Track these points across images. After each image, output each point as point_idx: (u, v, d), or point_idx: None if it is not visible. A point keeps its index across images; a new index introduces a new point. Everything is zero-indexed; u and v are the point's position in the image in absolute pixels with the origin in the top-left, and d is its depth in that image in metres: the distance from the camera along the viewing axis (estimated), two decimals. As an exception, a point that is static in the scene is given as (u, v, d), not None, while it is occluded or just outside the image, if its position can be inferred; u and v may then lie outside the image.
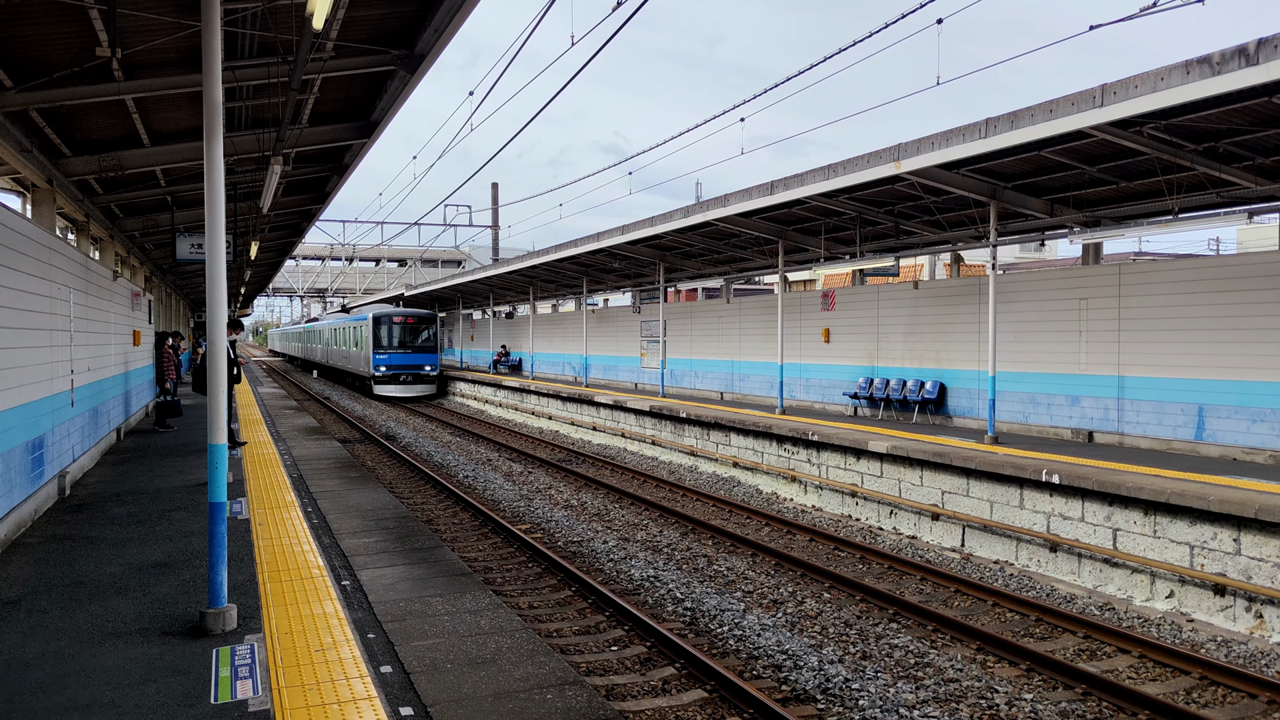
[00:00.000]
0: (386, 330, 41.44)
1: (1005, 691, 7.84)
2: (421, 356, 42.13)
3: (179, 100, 11.79)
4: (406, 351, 41.60)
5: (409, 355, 41.73)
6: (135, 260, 23.76)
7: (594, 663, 8.48)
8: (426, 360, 42.24)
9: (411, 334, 42.03)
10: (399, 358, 41.37)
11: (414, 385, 41.77)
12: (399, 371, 41.23)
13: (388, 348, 41.15)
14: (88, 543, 9.24)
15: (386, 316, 41.57)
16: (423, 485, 17.92)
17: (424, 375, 42.05)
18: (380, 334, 41.35)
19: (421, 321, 42.39)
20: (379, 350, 41.03)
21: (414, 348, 41.83)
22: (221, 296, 6.79)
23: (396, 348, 41.34)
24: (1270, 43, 9.04)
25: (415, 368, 41.74)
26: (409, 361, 41.66)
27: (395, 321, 41.62)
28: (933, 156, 13.30)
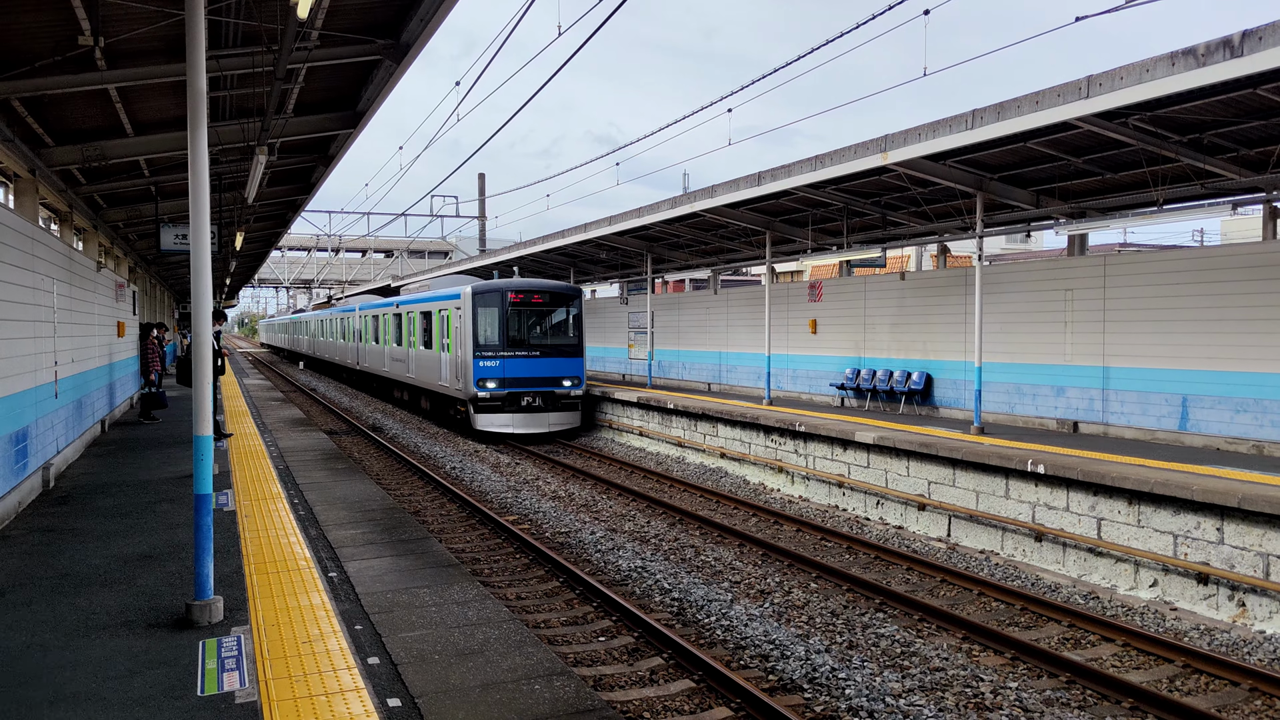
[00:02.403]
0: (498, 315, 23.43)
1: (990, 680, 7.90)
2: (558, 363, 23.83)
3: (163, 89, 11.70)
4: (532, 354, 23.61)
5: (537, 362, 23.65)
6: (119, 251, 23.59)
7: (582, 653, 8.50)
8: (565, 369, 23.87)
9: (539, 320, 24.19)
10: (520, 365, 23.40)
11: (546, 414, 23.59)
12: (521, 390, 23.29)
13: (497, 347, 23.35)
14: (72, 535, 9.19)
15: (496, 291, 23.58)
16: (410, 477, 17.89)
17: (562, 397, 23.75)
18: (487, 322, 23.54)
19: (557, 300, 24.33)
20: (484, 352, 23.19)
21: (545, 347, 23.81)
22: (206, 288, 6.75)
23: (514, 346, 23.50)
24: (1254, 34, 9.08)
25: (547, 383, 23.60)
26: (537, 372, 23.58)
27: (514, 300, 23.63)
28: (920, 147, 13.32)
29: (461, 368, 23.50)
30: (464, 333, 23.34)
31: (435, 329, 26.02)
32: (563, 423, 23.72)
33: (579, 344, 24.13)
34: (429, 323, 26.79)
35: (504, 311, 23.24)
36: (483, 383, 22.81)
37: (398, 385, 32.34)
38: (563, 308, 24.22)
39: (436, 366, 25.97)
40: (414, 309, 28.62)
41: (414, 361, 28.55)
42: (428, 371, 26.87)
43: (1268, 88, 10.49)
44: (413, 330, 28.66)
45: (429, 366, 26.68)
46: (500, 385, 22.88)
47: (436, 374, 25.95)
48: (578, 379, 23.82)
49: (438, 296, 26.10)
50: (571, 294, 24.39)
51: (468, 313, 23.24)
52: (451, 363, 24.46)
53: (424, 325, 27.37)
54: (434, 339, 26.17)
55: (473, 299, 23.17)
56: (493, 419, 22.92)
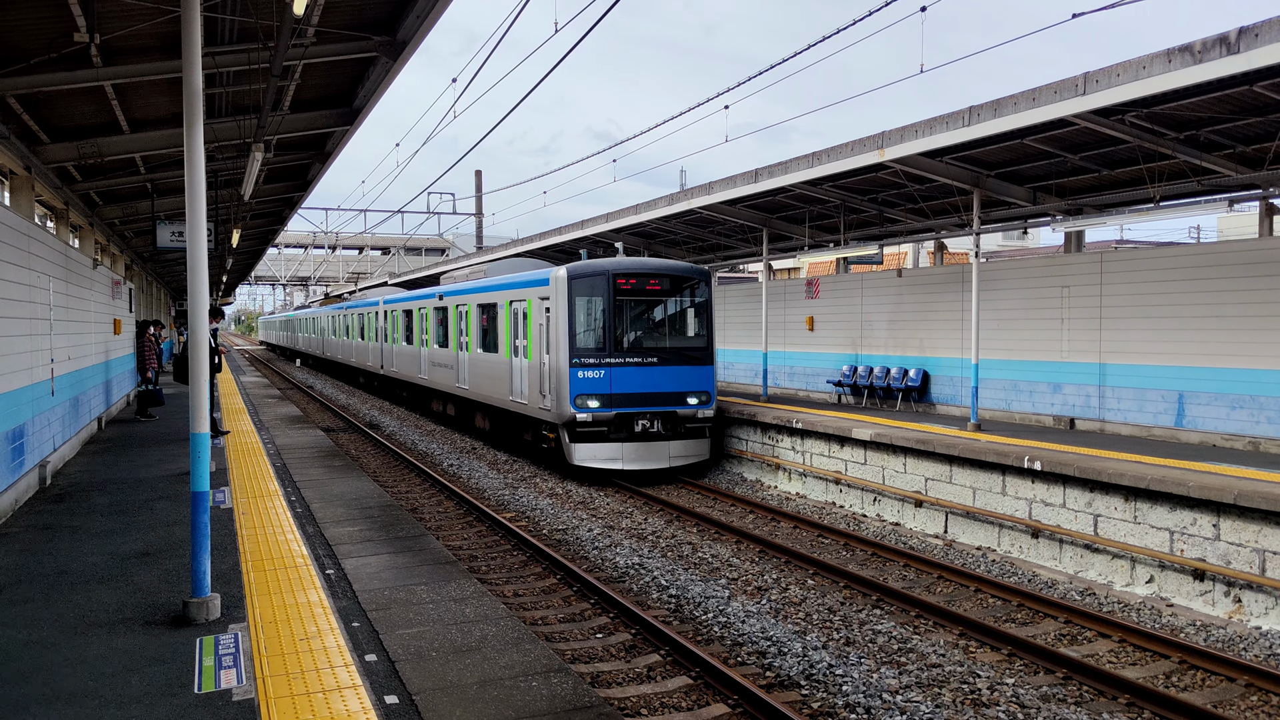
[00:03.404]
0: (604, 307, 17.31)
1: (987, 676, 7.91)
2: (681, 374, 17.62)
3: (159, 86, 11.68)
4: (647, 361, 17.41)
5: (655, 372, 17.44)
6: (115, 248, 23.55)
7: (579, 650, 8.50)
8: (691, 381, 17.69)
9: (656, 313, 18.19)
10: (632, 376, 17.24)
11: (666, 443, 17.40)
12: (634, 411, 17.16)
13: (602, 351, 17.15)
14: (69, 532, 9.18)
15: (600, 275, 17.31)
16: (407, 474, 17.89)
17: (686, 419, 17.55)
18: (588, 316, 17.47)
19: (679, 286, 18.07)
20: (584, 359, 17.04)
21: (665, 351, 17.61)
22: (203, 285, 6.74)
23: (624, 351, 17.30)
24: (1251, 31, 9.09)
25: (668, 400, 17.42)
26: (655, 385, 17.41)
27: (623, 286, 17.38)
28: (916, 144, 13.32)
29: (549, 379, 17.08)
30: (555, 331, 16.92)
31: (503, 327, 19.79)
32: (688, 454, 17.24)
33: (708, 346, 17.70)
34: (492, 319, 20.74)
35: (611, 302, 16.81)
36: (582, 400, 16.50)
37: (440, 396, 26.03)
38: (685, 295, 17.85)
39: (503, 376, 19.71)
40: (467, 301, 22.67)
41: (467, 369, 22.59)
42: (490, 382, 20.69)
43: (1264, 84, 10.50)
44: (465, 328, 22.84)
45: (492, 375, 20.49)
46: (606, 404, 16.64)
47: (503, 386, 19.73)
48: (707, 395, 17.33)
49: (508, 284, 19.85)
50: (698, 276, 17.85)
51: (561, 304, 16.84)
52: (531, 372, 17.98)
53: (483, 322, 21.49)
54: (501, 340, 19.94)
55: (569, 285, 16.74)
56: (595, 450, 16.61)
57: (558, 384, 16.91)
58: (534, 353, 18.09)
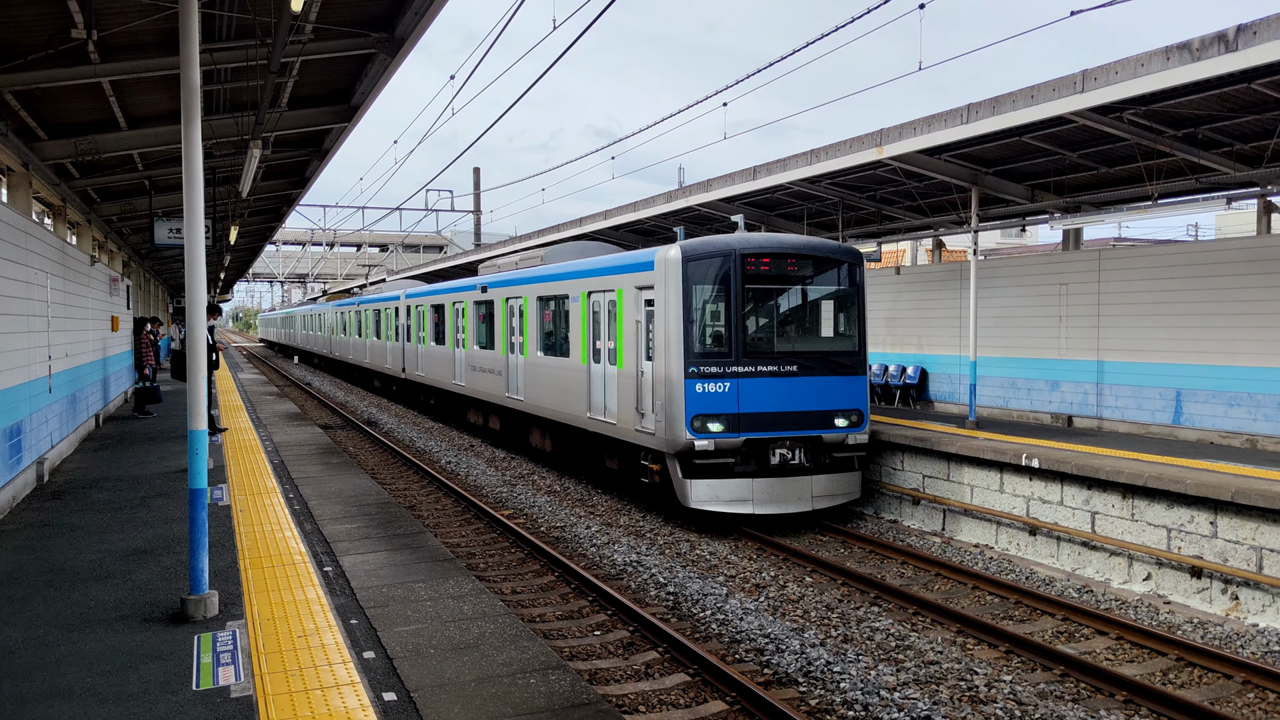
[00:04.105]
0: (729, 297, 12.98)
1: (985, 673, 7.92)
2: (826, 387, 13.33)
3: (156, 83, 11.66)
4: (785, 370, 13.14)
5: (793, 384, 13.16)
6: (113, 245, 23.52)
7: (577, 647, 8.51)
8: (839, 396, 13.42)
9: (793, 307, 13.82)
10: (767, 390, 13.00)
11: (808, 478, 13.17)
12: (768, 436, 12.93)
13: (727, 357, 12.86)
14: (67, 529, 9.18)
15: (723, 255, 12.97)
16: (405, 471, 17.88)
17: (833, 447, 13.30)
18: (709, 310, 13.13)
19: (823, 269, 13.65)
20: (704, 367, 12.76)
21: (805, 357, 13.26)
22: (201, 282, 6.74)
23: (755, 357, 13.02)
24: (1249, 29, 9.09)
25: (810, 421, 13.18)
26: (794, 402, 13.12)
27: (753, 271, 13.08)
28: (915, 142, 13.32)
29: (653, 394, 13.06)
30: (663, 331, 12.85)
31: (578, 324, 15.72)
32: (834, 493, 13.23)
33: (860, 350, 13.53)
34: (560, 314, 16.83)
35: (738, 291, 12.78)
36: (702, 423, 12.50)
37: (479, 407, 22.13)
38: (831, 283, 13.57)
39: (576, 387, 15.72)
40: (522, 293, 18.42)
41: (521, 375, 18.33)
42: (556, 394, 16.66)
43: (1262, 82, 10.50)
44: (519, 326, 18.61)
45: (559, 385, 16.51)
46: (732, 427, 12.59)
47: (576, 399, 15.72)
48: (859, 415, 13.26)
49: (585, 271, 15.59)
50: (847, 258, 13.61)
51: (672, 293, 12.70)
52: (623, 383, 14.01)
53: (545, 318, 17.51)
54: (574, 341, 15.86)
55: (684, 269, 12.64)
56: (718, 488, 12.62)
57: (667, 400, 12.64)
58: (627, 358, 13.86)
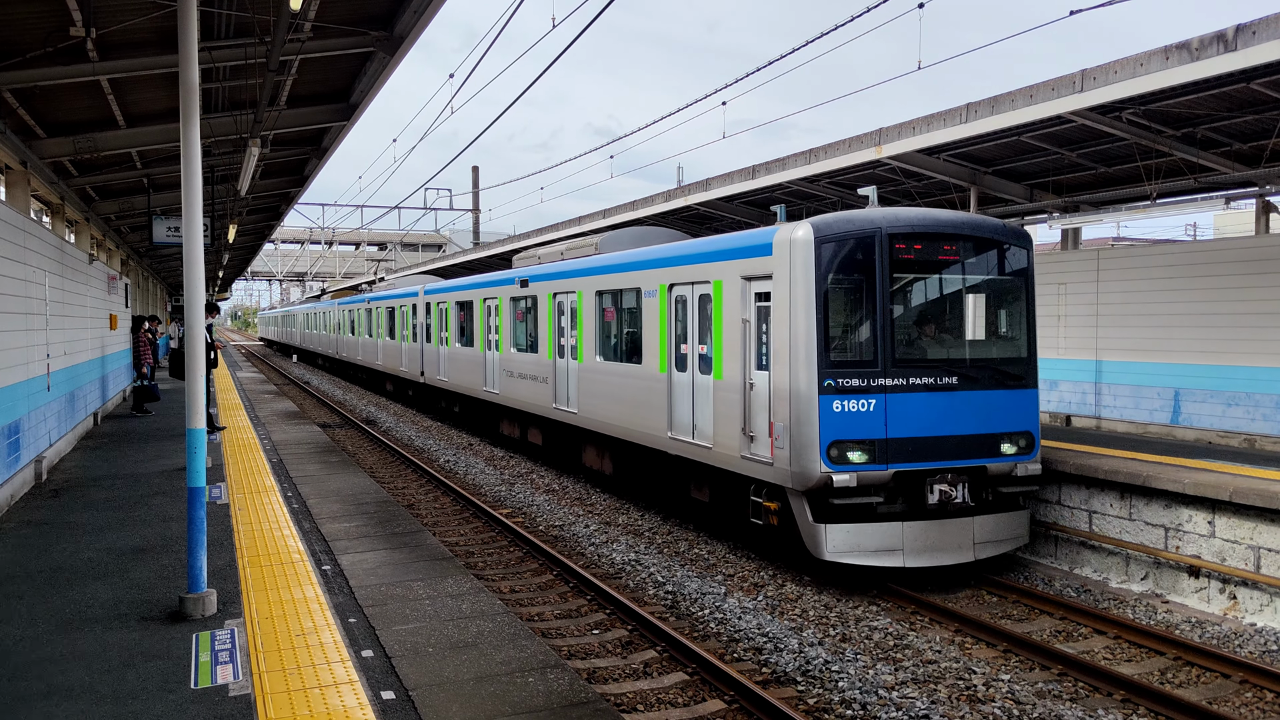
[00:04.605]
0: (873, 290, 10.17)
1: (983, 672, 7.92)
2: (989, 402, 10.50)
3: (155, 81, 11.65)
4: (944, 382, 10.32)
5: (953, 400, 10.32)
6: (111, 243, 23.51)
7: (576, 646, 8.51)
8: (1006, 414, 10.60)
9: (947, 301, 10.95)
10: (922, 408, 10.19)
11: (969, 519, 10.33)
12: (924, 468, 10.15)
13: (872, 366, 10.08)
14: (65, 528, 9.17)
15: (865, 235, 10.15)
16: (404, 470, 17.88)
17: (999, 479, 10.53)
18: (846, 306, 10.39)
19: (983, 251, 10.85)
20: (842, 378, 9.98)
21: (966, 367, 10.50)
22: (199, 280, 6.74)
23: (907, 366, 10.21)
24: (1248, 29, 9.10)
25: (973, 448, 10.37)
26: (954, 425, 10.30)
27: (906, 254, 10.38)
28: (914, 141, 13.32)
29: (777, 412, 10.34)
30: (786, 332, 10.21)
31: (655, 324, 13.13)
32: (1000, 538, 10.59)
33: (1030, 356, 10.93)
34: (626, 312, 14.45)
35: (884, 280, 10.17)
36: (840, 451, 9.93)
37: (516, 417, 19.58)
38: (993, 270, 11.00)
39: (653, 400, 13.14)
40: (574, 287, 15.90)
41: (574, 384, 15.90)
42: (621, 408, 14.13)
43: (1261, 82, 10.51)
44: (572, 326, 16.07)
45: (626, 398, 13.97)
46: (879, 457, 10.01)
47: (650, 414, 13.19)
48: (1030, 440, 10.68)
49: (663, 259, 13.04)
50: (1011, 239, 10.93)
51: (801, 284, 10.10)
52: (723, 398, 11.45)
53: (606, 316, 15.05)
54: (650, 344, 13.28)
55: (816, 252, 10.02)
56: (861, 536, 10.00)
57: (794, 421, 9.98)
58: (729, 366, 11.26)
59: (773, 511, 10.57)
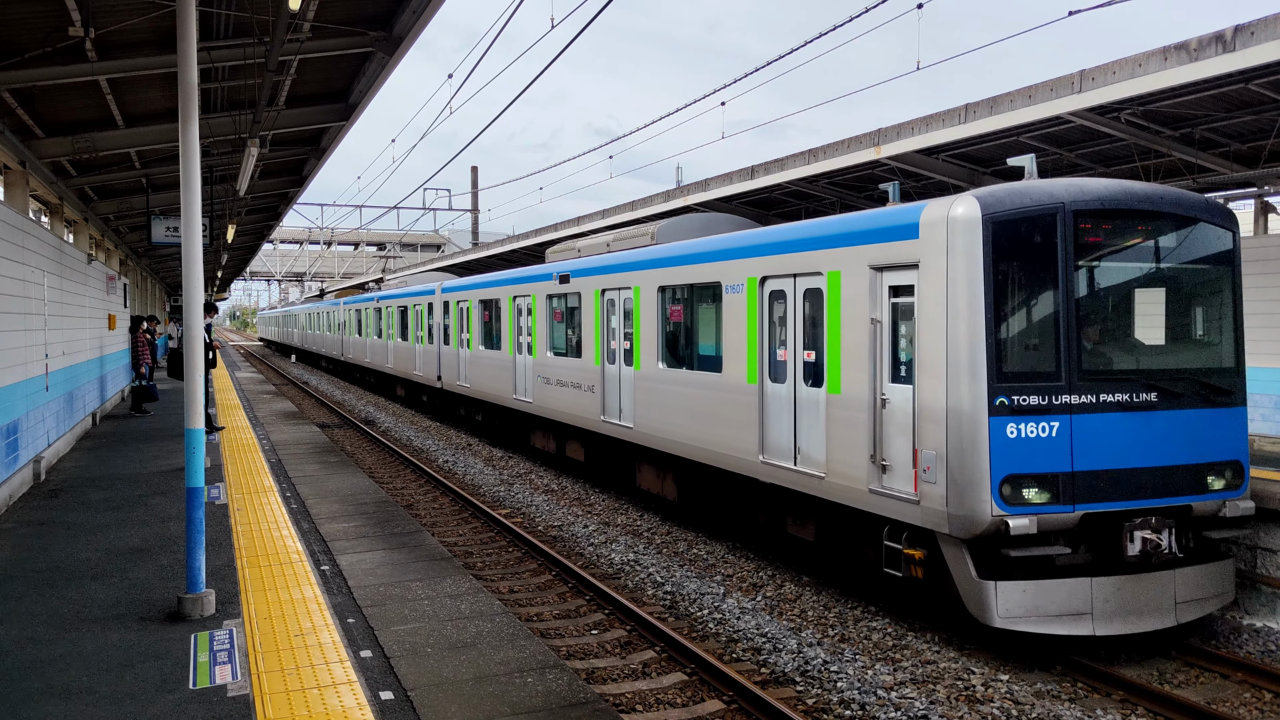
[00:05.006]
0: (1054, 279, 8.26)
1: (981, 672, 7.93)
2: (1193, 425, 8.50)
3: (154, 81, 11.66)
4: (1138, 400, 8.31)
5: (1147, 422, 8.33)
6: (110, 243, 23.51)
7: (575, 646, 8.51)
8: (1212, 437, 8.60)
9: (1134, 293, 8.83)
10: (1114, 433, 8.21)
11: (1169, 573, 8.32)
12: (1116, 510, 8.15)
13: (1054, 381, 8.12)
14: (64, 528, 9.17)
15: (1051, 212, 8.23)
16: (402, 470, 17.88)
17: (1203, 521, 8.58)
18: (1018, 303, 8.45)
19: (1181, 231, 8.84)
20: (1018, 395, 8.04)
21: (1163, 379, 8.45)
22: (198, 280, 6.73)
23: (1095, 380, 8.23)
24: (1246, 29, 9.11)
25: (1172, 484, 8.37)
26: (1149, 455, 8.31)
27: (1094, 236, 8.47)
28: (913, 141, 13.33)
29: (924, 437, 8.50)
30: (945, 334, 8.29)
31: (744, 326, 11.19)
32: (1204, 593, 8.65)
33: (1238, 364, 9.03)
34: (698, 312, 12.63)
35: (1068, 270, 8.34)
36: (1015, 488, 8.06)
37: (552, 429, 17.66)
38: (1192, 257, 9.12)
39: (744, 416, 11.13)
40: (632, 283, 13.94)
41: (628, 393, 14.06)
42: (703, 425, 11.99)
43: (1259, 82, 10.52)
44: (625, 328, 14.20)
45: (715, 414, 11.74)
46: (1063, 495, 8.13)
47: (742, 434, 11.17)
48: (1238, 470, 8.83)
49: (757, 247, 11.15)
50: (1213, 218, 9.09)
51: (964, 274, 8.20)
52: (842, 416, 9.53)
53: (672, 316, 13.23)
54: (734, 348, 11.38)
55: (986, 234, 8.13)
56: (1042, 594, 8.07)
57: (954, 449, 8.12)
58: (850, 377, 9.34)
59: (917, 561, 8.54)
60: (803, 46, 12.79)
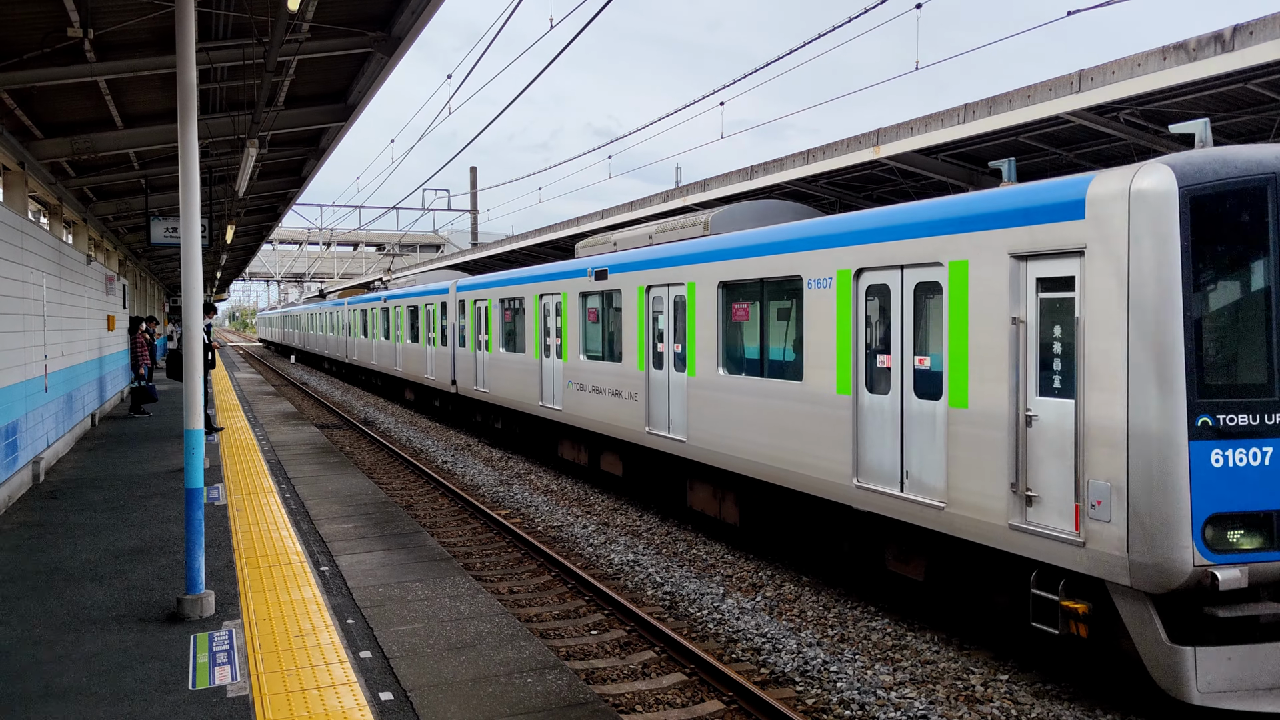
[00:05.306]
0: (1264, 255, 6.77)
1: (981, 672, 7.93)
2: None
3: (152, 82, 11.66)
4: None
5: None
6: (109, 244, 23.51)
7: (574, 647, 8.51)
8: None
9: None
10: None
11: None
12: None
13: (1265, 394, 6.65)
14: (63, 529, 9.16)
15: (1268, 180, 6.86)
16: (402, 471, 17.87)
17: None
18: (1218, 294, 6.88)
19: None
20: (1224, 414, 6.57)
21: None
22: (197, 281, 6.73)
23: None
24: (1245, 29, 9.12)
25: None
26: None
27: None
28: (912, 141, 13.33)
29: (1091, 465, 6.95)
30: (1133, 337, 6.75)
31: (833, 326, 9.66)
32: None
33: None
34: (775, 310, 11.03)
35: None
36: (1219, 531, 6.58)
37: (591, 441, 15.89)
38: None
39: (830, 431, 9.62)
40: (685, 278, 12.40)
41: (684, 404, 12.44)
42: (773, 440, 10.52)
43: (1258, 82, 10.52)
44: (678, 329, 12.72)
45: (789, 427, 10.25)
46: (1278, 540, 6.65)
47: (831, 452, 9.60)
48: None
49: (848, 234, 9.58)
50: None
51: (1151, 260, 6.72)
52: (970, 435, 7.95)
53: (735, 316, 11.64)
54: (821, 353, 9.83)
55: (1184, 211, 6.72)
56: (1253, 663, 6.58)
57: (1137, 480, 6.75)
58: (979, 389, 7.90)
59: (1080, 616, 7.05)
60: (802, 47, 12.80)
